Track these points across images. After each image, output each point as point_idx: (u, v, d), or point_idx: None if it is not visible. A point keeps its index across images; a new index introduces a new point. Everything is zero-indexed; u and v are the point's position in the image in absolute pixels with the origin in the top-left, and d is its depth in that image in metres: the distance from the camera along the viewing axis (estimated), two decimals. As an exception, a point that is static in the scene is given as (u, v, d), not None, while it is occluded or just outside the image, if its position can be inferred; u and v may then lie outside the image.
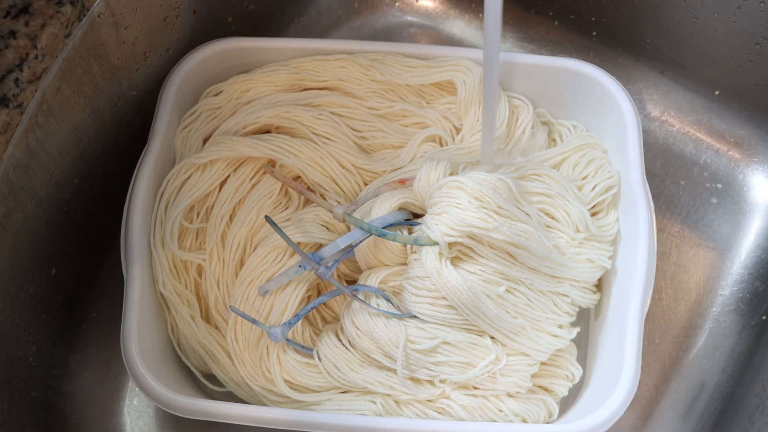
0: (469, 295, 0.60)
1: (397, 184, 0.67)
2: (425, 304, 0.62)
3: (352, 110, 0.72)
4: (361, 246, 0.65)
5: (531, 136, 0.72)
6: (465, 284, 0.60)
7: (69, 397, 0.69)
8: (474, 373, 0.61)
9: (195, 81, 0.70)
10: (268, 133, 0.71)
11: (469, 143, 0.71)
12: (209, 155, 0.67)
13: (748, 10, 0.72)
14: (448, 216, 0.60)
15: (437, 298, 0.61)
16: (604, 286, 0.67)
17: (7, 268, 0.58)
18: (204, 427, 0.62)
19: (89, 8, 0.58)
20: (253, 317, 0.62)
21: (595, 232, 0.64)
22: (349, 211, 0.66)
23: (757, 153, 0.80)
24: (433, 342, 0.61)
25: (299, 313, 0.63)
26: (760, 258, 0.77)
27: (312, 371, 0.63)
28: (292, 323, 0.62)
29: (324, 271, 0.63)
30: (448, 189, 0.61)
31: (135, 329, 0.60)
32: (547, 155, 0.69)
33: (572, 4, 0.82)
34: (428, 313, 0.62)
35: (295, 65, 0.72)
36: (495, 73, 0.57)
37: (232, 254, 0.67)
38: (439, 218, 0.61)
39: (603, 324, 0.66)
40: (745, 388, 0.70)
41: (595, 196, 0.66)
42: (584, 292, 0.64)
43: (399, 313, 0.63)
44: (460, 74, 0.71)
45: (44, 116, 0.57)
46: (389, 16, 0.87)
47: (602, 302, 0.67)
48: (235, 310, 0.62)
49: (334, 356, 0.63)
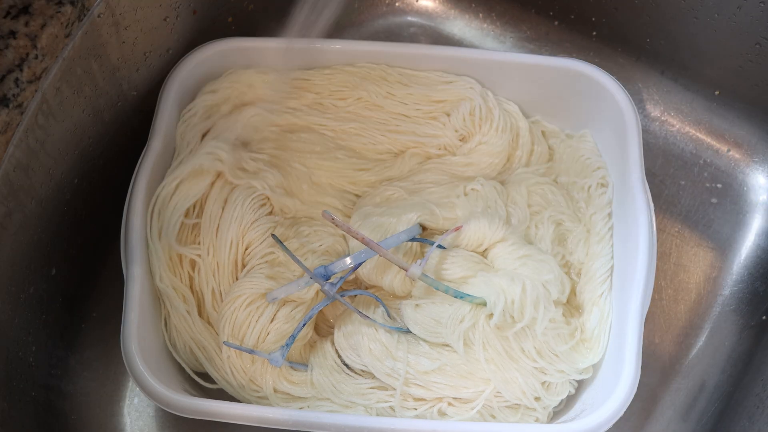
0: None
1: (453, 232, 0.67)
2: (429, 333, 0.64)
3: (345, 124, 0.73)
4: (365, 265, 0.65)
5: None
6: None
7: (69, 397, 0.69)
8: (474, 408, 0.62)
9: (195, 81, 0.70)
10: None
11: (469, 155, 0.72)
12: (189, 167, 0.67)
13: (748, 10, 0.72)
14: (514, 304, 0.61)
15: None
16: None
17: (7, 268, 0.58)
18: (204, 427, 0.62)
19: (89, 8, 0.58)
20: (249, 348, 0.62)
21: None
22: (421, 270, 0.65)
23: (757, 153, 0.80)
24: (434, 365, 0.62)
25: (294, 333, 0.63)
26: (760, 258, 0.77)
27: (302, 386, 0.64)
28: (289, 344, 0.62)
29: (330, 288, 0.63)
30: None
31: (135, 329, 0.60)
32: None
33: (572, 4, 0.82)
34: (431, 340, 0.64)
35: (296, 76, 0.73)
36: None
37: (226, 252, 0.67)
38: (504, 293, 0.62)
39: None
40: (745, 388, 0.70)
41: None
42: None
43: (399, 328, 0.64)
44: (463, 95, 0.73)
45: (44, 116, 0.57)
46: (389, 16, 0.87)
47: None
48: (229, 344, 0.62)
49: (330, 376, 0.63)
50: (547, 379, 0.62)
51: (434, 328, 0.63)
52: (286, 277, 0.66)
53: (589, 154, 0.72)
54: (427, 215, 0.67)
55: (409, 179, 0.72)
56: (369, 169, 0.72)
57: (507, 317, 0.61)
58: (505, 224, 0.67)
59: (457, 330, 0.61)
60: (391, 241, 0.65)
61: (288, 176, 0.70)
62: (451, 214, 0.68)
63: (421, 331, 0.63)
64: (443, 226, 0.68)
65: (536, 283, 0.63)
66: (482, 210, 0.68)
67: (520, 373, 0.61)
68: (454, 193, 0.70)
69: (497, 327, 0.61)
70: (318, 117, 0.73)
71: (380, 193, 0.71)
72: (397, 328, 0.64)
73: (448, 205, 0.69)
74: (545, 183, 0.71)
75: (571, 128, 0.75)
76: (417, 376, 0.62)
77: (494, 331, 0.61)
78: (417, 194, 0.70)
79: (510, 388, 0.61)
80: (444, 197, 0.69)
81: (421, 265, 0.63)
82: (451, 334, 0.62)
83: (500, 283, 0.62)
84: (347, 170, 0.71)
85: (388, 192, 0.70)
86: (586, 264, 0.68)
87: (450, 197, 0.69)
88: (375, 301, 0.66)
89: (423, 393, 0.62)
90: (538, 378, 0.61)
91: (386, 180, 0.72)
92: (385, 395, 0.62)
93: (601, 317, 0.64)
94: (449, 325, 0.62)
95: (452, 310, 0.63)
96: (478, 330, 0.61)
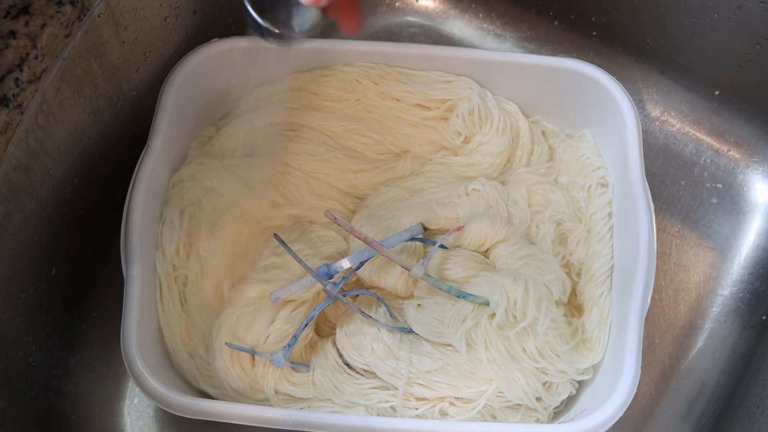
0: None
1: (455, 231, 0.67)
2: (431, 332, 0.63)
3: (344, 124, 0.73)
4: (367, 266, 0.65)
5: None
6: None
7: (69, 397, 0.69)
8: (475, 408, 0.61)
9: (195, 81, 0.70)
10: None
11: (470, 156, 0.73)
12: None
13: (748, 10, 0.72)
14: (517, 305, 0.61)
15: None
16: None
17: (7, 268, 0.58)
18: (204, 427, 0.62)
19: (89, 8, 0.58)
20: (251, 349, 0.62)
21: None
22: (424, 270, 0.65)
23: (757, 153, 0.80)
24: (437, 364, 0.62)
25: (296, 333, 0.63)
26: (760, 258, 0.77)
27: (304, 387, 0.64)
28: (291, 345, 0.62)
29: (332, 287, 0.63)
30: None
31: (135, 329, 0.60)
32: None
33: (572, 4, 0.82)
34: (433, 339, 0.63)
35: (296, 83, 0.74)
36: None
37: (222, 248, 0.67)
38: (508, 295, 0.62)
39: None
40: (745, 388, 0.70)
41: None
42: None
43: (401, 328, 0.64)
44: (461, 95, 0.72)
45: (44, 116, 0.57)
46: (389, 16, 0.87)
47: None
48: (231, 346, 0.62)
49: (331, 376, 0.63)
50: (548, 379, 0.62)
51: (437, 327, 0.63)
52: (285, 277, 0.66)
53: (589, 154, 0.72)
54: (428, 215, 0.67)
55: (411, 180, 0.72)
56: (370, 171, 0.72)
57: (509, 317, 0.61)
58: (507, 224, 0.67)
59: (460, 330, 0.61)
60: (392, 240, 0.65)
61: (288, 178, 0.70)
62: (452, 214, 0.68)
63: (423, 331, 0.63)
64: (445, 226, 0.68)
65: (538, 283, 0.63)
66: (484, 210, 0.68)
67: (521, 373, 0.61)
68: (456, 193, 0.70)
69: (499, 327, 0.61)
70: (318, 117, 0.73)
71: (382, 194, 0.71)
72: (399, 327, 0.64)
73: (450, 206, 0.69)
74: (546, 183, 0.71)
75: (571, 128, 0.75)
76: (419, 375, 0.62)
77: (496, 330, 0.61)
78: (418, 195, 0.70)
79: (512, 388, 0.61)
80: (445, 197, 0.70)
81: (424, 264, 0.63)
82: (454, 333, 0.62)
83: (503, 283, 0.62)
84: (348, 171, 0.71)
85: (390, 193, 0.71)
86: (586, 264, 0.68)
87: (451, 197, 0.69)
88: (376, 301, 0.66)
89: (425, 393, 0.62)
90: (540, 378, 0.61)
91: (388, 181, 0.72)
92: (386, 395, 0.62)
93: (601, 317, 0.64)
94: (452, 325, 0.62)
95: (454, 310, 0.63)
96: (481, 330, 0.61)
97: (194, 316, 0.65)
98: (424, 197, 0.70)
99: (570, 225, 0.70)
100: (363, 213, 0.69)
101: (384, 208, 0.69)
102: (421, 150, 0.73)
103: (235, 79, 0.73)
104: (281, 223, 0.69)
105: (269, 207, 0.69)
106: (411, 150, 0.73)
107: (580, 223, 0.70)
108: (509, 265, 0.66)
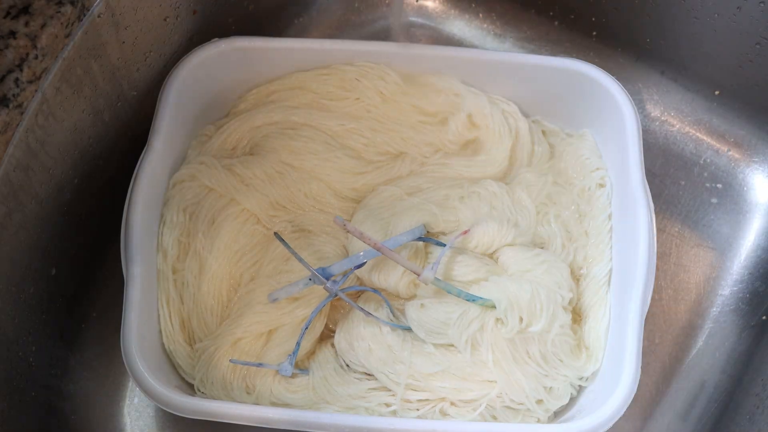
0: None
1: (461, 236, 0.67)
2: (432, 334, 0.63)
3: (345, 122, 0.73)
4: (369, 268, 0.65)
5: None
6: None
7: (69, 397, 0.69)
8: (476, 409, 0.61)
9: (195, 81, 0.70)
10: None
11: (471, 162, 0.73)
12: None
13: (748, 10, 0.72)
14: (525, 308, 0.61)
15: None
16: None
17: (7, 268, 0.58)
18: (204, 427, 0.62)
19: (89, 8, 0.58)
20: (257, 362, 0.63)
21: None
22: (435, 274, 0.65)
23: (757, 153, 0.80)
24: (438, 366, 0.62)
25: (298, 339, 0.63)
26: (760, 258, 0.77)
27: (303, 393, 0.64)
28: (296, 352, 0.63)
29: (332, 285, 0.63)
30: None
31: (135, 329, 0.60)
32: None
33: (572, 4, 0.82)
34: (434, 341, 0.63)
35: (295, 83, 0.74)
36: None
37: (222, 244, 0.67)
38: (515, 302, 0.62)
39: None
40: (745, 388, 0.70)
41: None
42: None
43: (403, 326, 0.64)
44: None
45: (44, 116, 0.57)
46: (389, 16, 0.87)
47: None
48: (235, 362, 0.62)
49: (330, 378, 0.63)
50: (550, 383, 0.62)
51: (439, 329, 0.63)
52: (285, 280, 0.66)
53: (589, 154, 0.72)
54: (429, 217, 0.67)
55: (409, 180, 0.72)
56: (369, 172, 0.72)
57: (518, 322, 0.61)
58: (514, 227, 0.67)
59: (466, 332, 0.61)
60: (395, 241, 0.65)
61: (288, 178, 0.70)
62: (453, 216, 0.68)
63: (423, 333, 0.63)
64: (445, 228, 0.68)
65: (549, 288, 0.63)
66: (487, 212, 0.68)
67: (524, 376, 0.61)
68: (457, 194, 0.70)
69: (507, 332, 0.61)
70: (317, 117, 0.73)
71: (380, 193, 0.70)
72: (401, 326, 0.64)
73: (450, 207, 0.69)
74: (548, 183, 0.71)
75: (571, 128, 0.75)
76: (420, 377, 0.62)
77: (502, 334, 0.61)
78: (418, 195, 0.70)
79: (514, 391, 0.61)
80: (446, 199, 0.69)
81: (434, 269, 0.62)
82: (459, 336, 0.62)
83: (511, 287, 0.62)
84: (347, 171, 0.71)
85: (388, 192, 0.70)
86: (586, 265, 0.68)
87: (452, 199, 0.69)
88: (377, 301, 0.66)
89: (426, 394, 0.62)
90: (542, 382, 0.61)
91: (387, 181, 0.72)
92: (386, 396, 0.62)
93: (601, 318, 0.64)
94: (457, 327, 0.62)
95: (460, 312, 0.63)
96: (487, 333, 0.61)
97: (194, 316, 0.65)
98: (424, 198, 0.69)
99: (571, 225, 0.69)
100: (362, 212, 0.69)
101: (383, 207, 0.69)
102: (420, 151, 0.73)
103: (235, 78, 0.73)
104: (281, 224, 0.69)
105: (269, 206, 0.69)
106: (409, 151, 0.73)
107: (580, 224, 0.70)
108: (517, 269, 0.66)
